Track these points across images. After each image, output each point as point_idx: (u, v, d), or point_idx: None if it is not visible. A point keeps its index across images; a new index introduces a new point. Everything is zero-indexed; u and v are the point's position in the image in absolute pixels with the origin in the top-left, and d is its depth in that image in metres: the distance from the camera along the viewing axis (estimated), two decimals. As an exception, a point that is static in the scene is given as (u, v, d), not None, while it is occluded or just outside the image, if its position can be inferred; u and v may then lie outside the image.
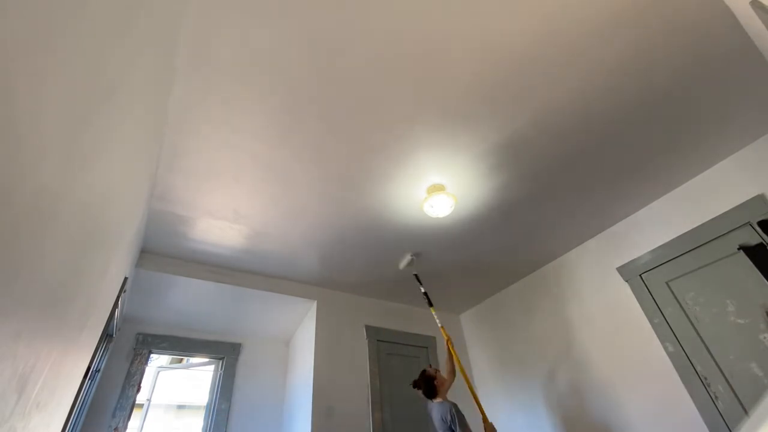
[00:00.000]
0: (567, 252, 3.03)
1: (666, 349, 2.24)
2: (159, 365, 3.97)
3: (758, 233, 1.97)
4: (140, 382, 2.91)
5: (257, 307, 3.18)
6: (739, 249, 2.03)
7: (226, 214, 2.32)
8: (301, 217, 2.39)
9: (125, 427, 2.70)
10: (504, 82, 1.64)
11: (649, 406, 2.25)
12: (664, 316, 2.29)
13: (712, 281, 2.14)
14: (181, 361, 4.33)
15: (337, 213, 2.37)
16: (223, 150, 1.87)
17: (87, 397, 2.48)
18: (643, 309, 2.41)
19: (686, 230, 2.29)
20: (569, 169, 2.15)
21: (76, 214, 0.93)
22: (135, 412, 2.84)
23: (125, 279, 2.22)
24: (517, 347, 3.25)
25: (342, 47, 1.46)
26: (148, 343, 3.07)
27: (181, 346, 3.22)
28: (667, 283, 2.33)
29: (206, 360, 3.43)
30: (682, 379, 2.13)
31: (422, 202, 2.20)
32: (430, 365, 2.89)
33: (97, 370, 2.60)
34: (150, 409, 3.59)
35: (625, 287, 2.54)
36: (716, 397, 1.98)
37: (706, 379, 2.04)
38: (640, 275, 2.47)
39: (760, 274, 1.93)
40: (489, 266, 3.14)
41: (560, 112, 1.80)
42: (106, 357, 2.74)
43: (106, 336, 2.56)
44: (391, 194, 2.25)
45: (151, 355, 3.12)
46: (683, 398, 2.10)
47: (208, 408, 3.14)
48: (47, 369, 1.08)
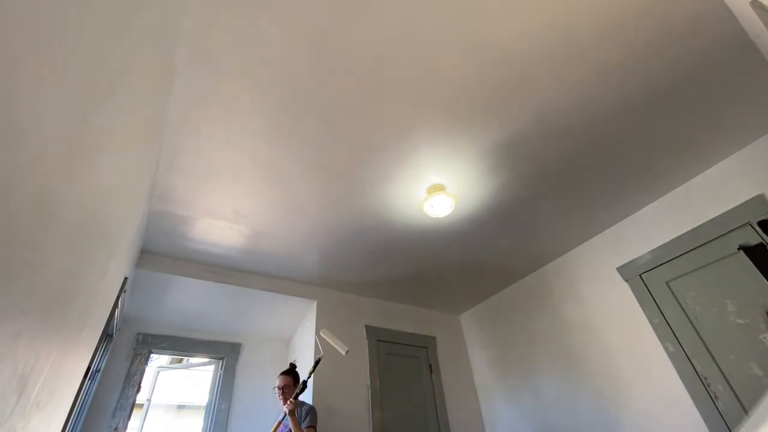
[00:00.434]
0: (567, 252, 3.03)
1: (666, 349, 2.24)
2: (159, 365, 3.96)
3: (758, 233, 1.97)
4: (140, 382, 2.91)
5: (257, 307, 3.18)
6: (739, 249, 2.03)
7: (226, 214, 2.32)
8: (301, 217, 2.39)
9: (125, 427, 2.70)
10: (504, 82, 1.64)
11: (649, 405, 2.25)
12: (664, 316, 2.29)
13: (712, 281, 2.14)
14: (181, 361, 4.33)
15: (337, 213, 2.37)
16: (223, 150, 1.87)
17: (87, 397, 2.48)
18: (643, 309, 2.41)
19: (686, 230, 2.29)
20: (569, 169, 2.15)
21: (76, 214, 0.93)
22: (135, 412, 2.84)
23: (125, 279, 2.22)
24: (517, 347, 3.25)
25: (342, 47, 1.47)
26: (148, 343, 3.07)
27: (181, 346, 3.22)
28: (667, 283, 2.33)
29: (206, 360, 3.43)
30: (682, 379, 2.13)
31: (422, 202, 2.20)
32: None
33: (97, 370, 2.60)
34: (150, 409, 3.59)
35: (625, 287, 2.54)
36: (716, 397, 1.98)
37: (706, 379, 2.04)
38: (640, 275, 2.47)
39: (760, 274, 1.93)
40: (489, 266, 3.14)
41: (560, 111, 1.80)
42: (106, 357, 2.74)
43: (106, 336, 2.56)
44: (391, 194, 2.25)
45: (151, 355, 3.12)
46: (683, 398, 2.10)
47: (208, 408, 3.14)
48: (47, 369, 1.08)
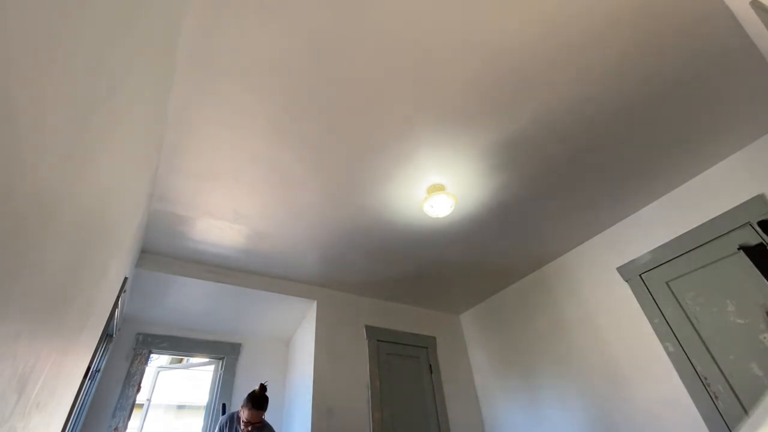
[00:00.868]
0: (567, 252, 3.03)
1: (666, 349, 2.24)
2: (159, 365, 3.97)
3: (758, 233, 1.97)
4: (140, 382, 2.91)
5: (257, 307, 3.18)
6: (739, 249, 2.03)
7: (226, 214, 2.32)
8: (302, 217, 2.39)
9: (125, 427, 2.70)
10: (504, 81, 1.64)
11: (649, 405, 2.25)
12: (664, 316, 2.29)
13: (712, 281, 2.14)
14: (181, 361, 4.33)
15: (337, 213, 2.37)
16: (223, 150, 1.87)
17: (87, 397, 2.48)
18: (643, 309, 2.41)
19: (686, 230, 2.29)
20: (569, 169, 2.15)
21: (77, 214, 0.93)
22: (135, 412, 2.84)
23: (125, 279, 2.22)
24: (517, 347, 3.25)
25: (342, 47, 1.47)
26: (148, 343, 3.07)
27: (181, 346, 3.22)
28: (667, 283, 2.33)
29: (206, 360, 3.44)
30: (682, 379, 2.13)
31: (422, 202, 2.20)
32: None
33: (97, 370, 2.60)
34: (150, 409, 3.60)
35: (625, 287, 2.54)
36: (716, 397, 1.98)
37: (706, 379, 2.04)
38: (640, 275, 2.47)
39: (760, 274, 1.93)
40: (489, 266, 3.14)
41: (560, 111, 1.80)
42: (106, 357, 2.74)
43: (106, 336, 2.56)
44: (391, 194, 2.25)
45: (151, 355, 3.12)
46: (683, 398, 2.10)
47: (208, 408, 3.14)
48: (47, 369, 1.08)
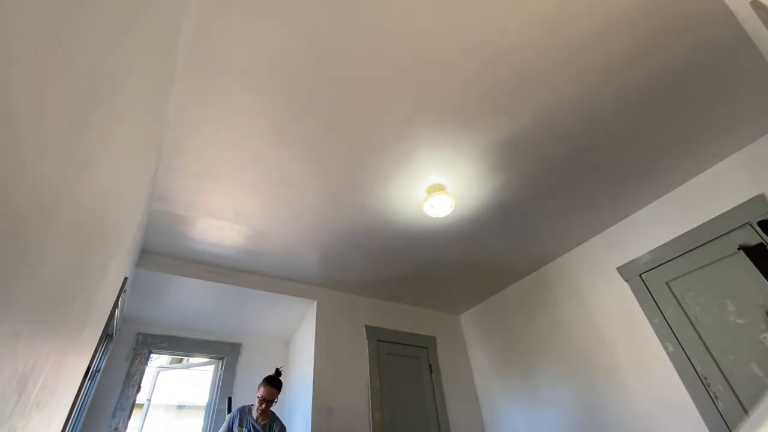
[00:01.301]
0: (567, 252, 3.03)
1: (666, 349, 2.24)
2: (159, 365, 3.97)
3: (758, 233, 1.97)
4: (140, 382, 2.91)
5: (257, 307, 3.18)
6: (739, 249, 2.03)
7: (226, 214, 2.32)
8: (302, 217, 2.39)
9: (125, 427, 2.70)
10: (504, 81, 1.64)
11: (649, 405, 2.25)
12: (664, 316, 2.29)
13: (712, 281, 2.14)
14: (181, 361, 4.33)
15: (337, 213, 2.37)
16: (223, 150, 1.87)
17: (87, 397, 2.48)
18: (643, 309, 2.41)
19: (686, 230, 2.29)
20: (569, 169, 2.15)
21: (77, 214, 0.93)
22: (135, 412, 2.84)
23: (125, 279, 2.22)
24: (517, 347, 3.25)
25: (342, 47, 1.47)
26: (148, 343, 3.07)
27: (181, 346, 3.22)
28: (667, 283, 2.33)
29: (206, 360, 3.43)
30: (682, 379, 2.13)
31: (422, 202, 2.20)
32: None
33: (97, 370, 2.60)
34: (150, 409, 3.60)
35: (625, 287, 2.54)
36: (716, 397, 1.98)
37: (706, 379, 2.04)
38: (640, 275, 2.47)
39: (760, 274, 1.93)
40: (489, 266, 3.14)
41: (560, 112, 1.80)
42: (106, 357, 2.74)
43: (106, 336, 2.56)
44: (391, 194, 2.25)
45: (151, 355, 3.12)
46: (683, 398, 2.10)
47: (208, 408, 3.14)
48: (47, 369, 1.08)
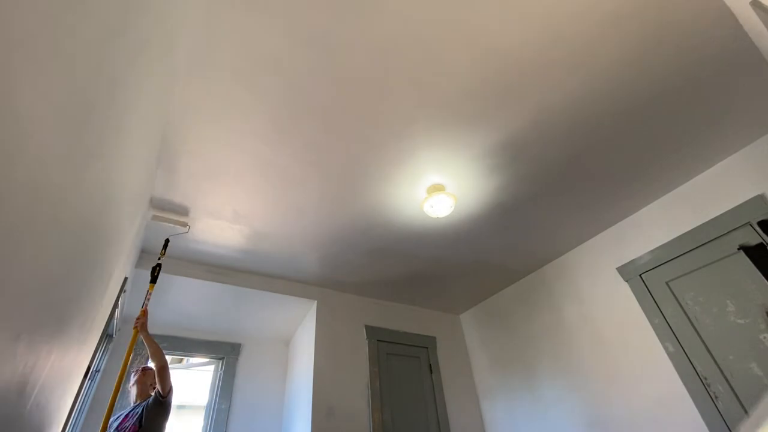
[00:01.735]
0: (567, 252, 3.03)
1: (666, 349, 2.24)
2: (159, 365, 3.96)
3: (758, 233, 1.97)
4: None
5: (257, 307, 3.18)
6: (739, 249, 2.03)
7: (226, 214, 2.32)
8: (301, 217, 2.39)
9: (125, 427, 2.69)
10: (504, 82, 1.64)
11: (649, 406, 2.25)
12: (664, 316, 2.29)
13: (712, 281, 2.14)
14: (181, 361, 4.33)
15: (337, 213, 2.37)
16: (223, 150, 1.87)
17: (87, 397, 2.48)
18: (643, 309, 2.41)
19: (686, 230, 2.29)
20: (569, 169, 2.15)
21: (77, 214, 0.93)
22: (135, 412, 2.84)
23: (125, 279, 2.22)
24: (517, 347, 3.25)
25: (342, 47, 1.47)
26: (149, 343, 3.07)
27: (181, 346, 3.22)
28: (667, 283, 2.33)
29: (206, 360, 3.43)
30: (682, 379, 2.13)
31: (422, 202, 2.20)
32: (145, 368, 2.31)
33: (97, 370, 2.60)
34: (150, 409, 3.59)
35: (625, 287, 2.54)
36: (716, 397, 1.98)
37: (706, 379, 2.04)
38: (640, 275, 2.47)
39: (760, 274, 1.93)
40: (489, 266, 3.14)
41: (560, 112, 1.80)
42: (106, 357, 2.74)
43: (106, 336, 2.57)
44: (391, 194, 2.25)
45: (151, 355, 3.12)
46: (683, 398, 2.10)
47: (208, 408, 3.14)
48: (47, 369, 1.08)
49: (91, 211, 1.05)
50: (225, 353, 3.35)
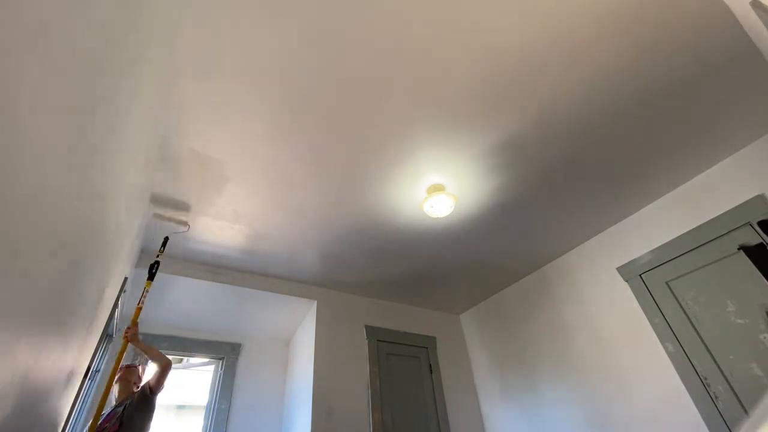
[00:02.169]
0: (567, 252, 3.03)
1: (666, 349, 2.24)
2: (159, 365, 3.96)
3: (758, 233, 1.97)
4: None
5: (257, 307, 3.18)
6: (739, 249, 2.03)
7: (226, 214, 2.32)
8: (301, 217, 2.39)
9: (125, 427, 2.69)
10: (504, 82, 1.64)
11: (649, 405, 2.25)
12: (664, 316, 2.29)
13: (712, 281, 2.14)
14: (181, 361, 4.33)
15: (337, 213, 2.37)
16: (224, 150, 1.87)
17: (87, 397, 2.48)
18: (643, 309, 2.41)
19: (686, 230, 2.29)
20: (569, 169, 2.15)
21: (77, 214, 0.93)
22: (135, 412, 2.84)
23: (125, 279, 2.22)
24: (517, 347, 3.25)
25: (342, 48, 1.47)
26: (148, 343, 3.07)
27: (181, 346, 3.22)
28: (667, 283, 2.33)
29: (206, 360, 3.43)
30: (682, 379, 2.13)
31: (422, 202, 2.20)
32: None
33: (97, 370, 2.60)
34: (150, 409, 3.59)
35: (625, 287, 2.54)
36: (716, 397, 1.98)
37: (706, 379, 2.04)
38: (640, 275, 2.47)
39: (760, 274, 1.93)
40: (489, 266, 3.14)
41: (560, 112, 1.80)
42: (106, 357, 2.74)
43: (106, 336, 2.57)
44: (391, 194, 2.25)
45: (151, 355, 3.12)
46: (683, 398, 2.10)
47: (208, 408, 3.14)
48: (47, 369, 1.08)
49: (91, 211, 1.05)
50: (225, 353, 3.35)
